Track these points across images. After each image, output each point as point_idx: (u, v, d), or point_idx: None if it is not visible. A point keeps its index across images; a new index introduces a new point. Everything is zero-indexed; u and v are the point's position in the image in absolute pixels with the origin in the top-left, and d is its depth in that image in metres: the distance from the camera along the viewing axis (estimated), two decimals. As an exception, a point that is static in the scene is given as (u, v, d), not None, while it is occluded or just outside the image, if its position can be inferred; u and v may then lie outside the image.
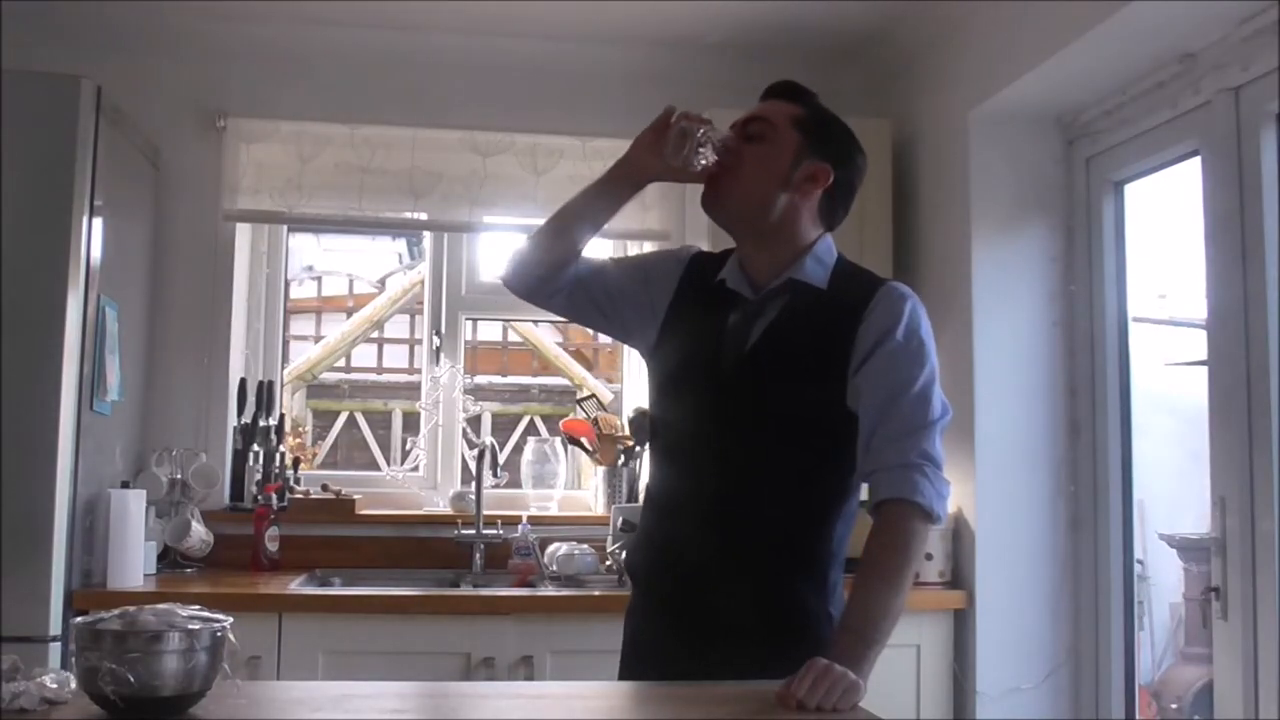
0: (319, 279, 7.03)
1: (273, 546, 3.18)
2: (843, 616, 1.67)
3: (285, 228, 3.58)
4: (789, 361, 1.76)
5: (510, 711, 1.58)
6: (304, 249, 6.37)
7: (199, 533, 3.09)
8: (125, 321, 2.98)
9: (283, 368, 3.64)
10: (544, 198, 3.43)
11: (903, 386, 1.70)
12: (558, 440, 3.60)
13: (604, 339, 5.02)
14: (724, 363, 1.79)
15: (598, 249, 2.29)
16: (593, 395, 3.79)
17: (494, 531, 3.24)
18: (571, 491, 3.64)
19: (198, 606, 1.43)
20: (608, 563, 3.04)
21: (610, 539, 3.08)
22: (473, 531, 3.25)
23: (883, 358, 1.71)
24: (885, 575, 1.65)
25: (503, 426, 5.62)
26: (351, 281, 7.06)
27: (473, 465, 3.38)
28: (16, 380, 2.57)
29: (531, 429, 5.29)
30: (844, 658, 1.53)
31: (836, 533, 1.78)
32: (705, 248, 3.28)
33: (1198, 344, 2.67)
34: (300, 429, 4.12)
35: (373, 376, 6.60)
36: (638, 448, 3.36)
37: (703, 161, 1.77)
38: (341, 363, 5.65)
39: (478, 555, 3.24)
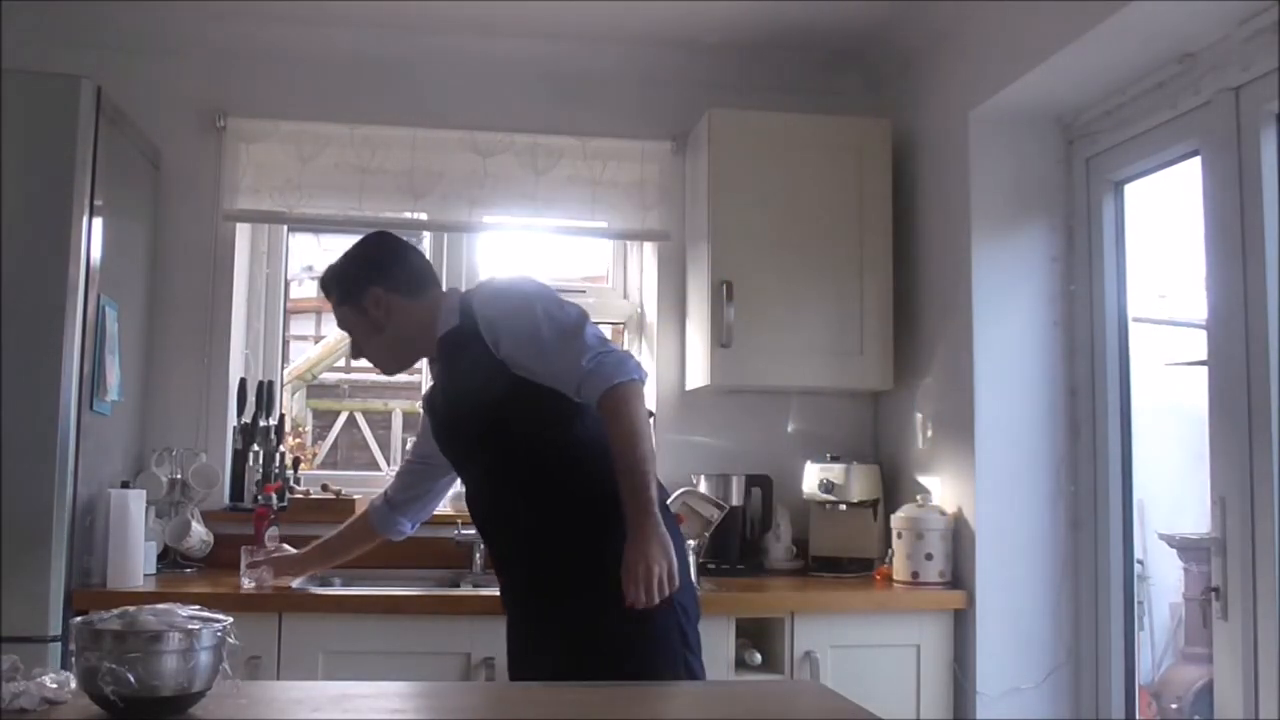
0: (319, 279, 7.01)
1: (273, 546, 3.17)
2: (622, 501, 2.01)
3: (285, 228, 3.59)
4: (461, 378, 2.18)
5: (510, 711, 1.58)
6: (304, 249, 6.35)
7: (199, 533, 3.09)
8: (125, 321, 2.98)
9: (283, 368, 3.64)
10: (544, 198, 3.43)
11: (538, 337, 2.07)
12: (558, 440, 3.59)
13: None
14: (442, 409, 2.28)
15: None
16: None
17: (494, 531, 3.24)
18: (571, 491, 3.63)
19: (198, 606, 1.43)
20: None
21: (610, 539, 3.08)
22: (473, 531, 3.24)
23: (509, 336, 2.09)
24: (621, 443, 2.02)
25: (503, 426, 5.60)
26: (352, 281, 7.04)
27: (473, 465, 3.37)
28: (16, 380, 2.57)
29: (531, 429, 5.27)
30: (636, 531, 1.95)
31: (584, 470, 2.09)
32: (703, 246, 3.30)
33: (1198, 344, 2.66)
34: (300, 429, 4.12)
35: (373, 376, 6.57)
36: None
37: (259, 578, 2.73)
38: (341, 363, 5.63)
39: (478, 555, 3.24)
